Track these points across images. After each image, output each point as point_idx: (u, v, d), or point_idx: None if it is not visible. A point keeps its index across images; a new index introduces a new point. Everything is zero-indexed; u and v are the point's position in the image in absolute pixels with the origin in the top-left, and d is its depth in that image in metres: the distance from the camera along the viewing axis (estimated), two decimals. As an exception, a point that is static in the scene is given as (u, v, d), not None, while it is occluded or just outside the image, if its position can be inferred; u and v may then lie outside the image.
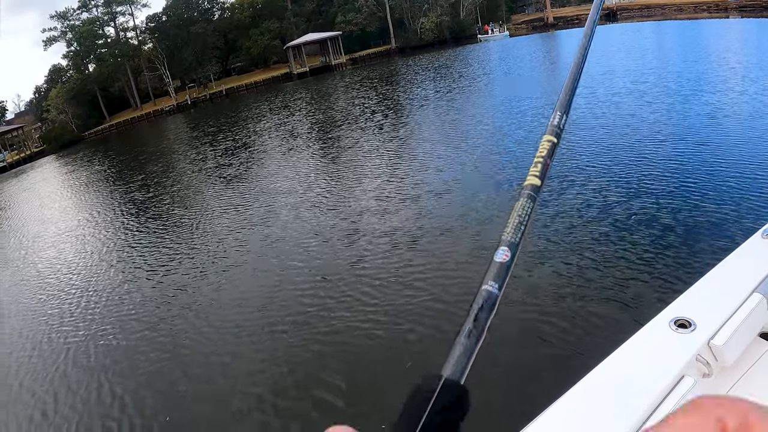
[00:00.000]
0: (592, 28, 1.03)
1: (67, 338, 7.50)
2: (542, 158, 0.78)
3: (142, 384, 5.74)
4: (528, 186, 0.74)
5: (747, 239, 1.40)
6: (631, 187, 7.74)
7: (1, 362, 7.35)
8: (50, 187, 26.19)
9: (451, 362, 0.56)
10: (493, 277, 0.63)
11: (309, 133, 20.39)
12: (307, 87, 42.66)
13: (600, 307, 5.01)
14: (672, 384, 1.03)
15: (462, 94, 21.05)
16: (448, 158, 11.77)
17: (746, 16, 30.85)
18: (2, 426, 5.76)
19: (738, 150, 8.36)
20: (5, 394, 6.40)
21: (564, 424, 1.01)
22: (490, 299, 0.61)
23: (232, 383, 5.30)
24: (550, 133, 0.82)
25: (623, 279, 5.37)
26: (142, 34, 64.53)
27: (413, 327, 5.39)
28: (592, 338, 4.56)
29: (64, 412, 5.65)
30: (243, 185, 14.06)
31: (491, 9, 64.72)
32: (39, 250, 13.37)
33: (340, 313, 6.07)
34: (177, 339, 6.55)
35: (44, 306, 9.10)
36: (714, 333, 1.13)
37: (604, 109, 12.84)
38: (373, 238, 8.05)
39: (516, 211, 0.71)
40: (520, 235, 0.69)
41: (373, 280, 6.67)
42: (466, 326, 0.59)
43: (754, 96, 11.26)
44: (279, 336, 5.96)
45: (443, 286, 6.06)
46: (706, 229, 6.00)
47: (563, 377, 1.32)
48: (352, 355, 5.27)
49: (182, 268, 9.02)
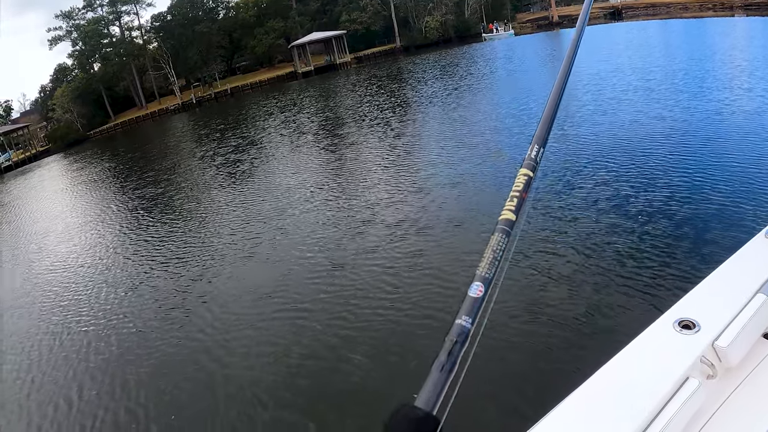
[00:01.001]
0: (569, 66, 1.03)
1: (82, 329, 7.62)
2: (518, 192, 0.77)
3: (158, 373, 5.82)
4: (503, 221, 0.73)
5: (750, 239, 1.40)
6: (632, 188, 7.71)
7: (19, 354, 7.46)
8: (58, 184, 26.35)
9: (425, 392, 0.57)
10: (467, 311, 0.64)
11: (316, 130, 20.43)
12: (313, 86, 42.71)
13: (603, 309, 4.99)
14: (676, 386, 1.03)
15: (469, 92, 21.01)
16: (459, 151, 11.77)
17: (752, 15, 30.68)
18: (23, 415, 5.85)
19: (740, 150, 8.30)
20: (26, 387, 6.49)
21: (568, 427, 1.01)
22: (463, 333, 0.62)
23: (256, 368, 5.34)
24: (526, 167, 0.81)
25: (626, 280, 5.35)
26: (147, 34, 64.77)
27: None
28: (594, 340, 4.54)
29: (83, 404, 5.73)
30: (253, 180, 14.14)
31: (496, 8, 64.61)
32: (51, 245, 13.48)
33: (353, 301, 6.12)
34: (192, 328, 6.66)
35: (60, 298, 9.20)
36: (718, 334, 1.12)
37: (607, 106, 12.82)
38: (385, 227, 8.09)
39: (491, 246, 0.71)
40: (494, 270, 0.69)
41: (386, 268, 6.77)
42: (440, 359, 0.60)
43: (761, 93, 11.18)
44: (295, 323, 6.06)
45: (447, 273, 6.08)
46: (709, 230, 5.97)
47: (567, 380, 1.32)
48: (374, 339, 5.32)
49: (197, 260, 9.15)
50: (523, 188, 0.77)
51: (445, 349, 0.61)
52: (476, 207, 8.35)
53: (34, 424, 5.64)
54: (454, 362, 0.60)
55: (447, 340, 0.62)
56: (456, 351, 0.61)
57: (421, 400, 0.56)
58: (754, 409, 1.07)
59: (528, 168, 0.79)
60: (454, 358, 0.60)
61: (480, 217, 7.88)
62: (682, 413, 1.00)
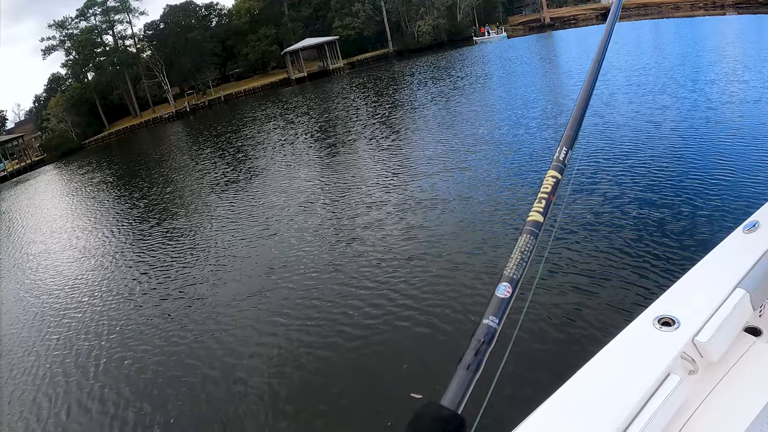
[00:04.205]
0: (597, 68, 1.02)
1: (78, 337, 7.59)
2: (546, 194, 0.79)
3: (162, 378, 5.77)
4: (530, 222, 0.75)
5: (729, 234, 1.41)
6: (608, 187, 7.71)
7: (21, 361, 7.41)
8: (52, 194, 26.28)
9: (450, 392, 0.58)
10: (494, 311, 0.65)
11: (310, 135, 20.44)
12: (306, 92, 42.79)
13: (582, 309, 4.97)
14: (658, 382, 1.04)
15: (459, 94, 21.08)
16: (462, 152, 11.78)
17: (743, 13, 30.89)
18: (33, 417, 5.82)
19: (716, 147, 8.37)
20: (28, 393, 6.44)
21: (551, 427, 1.01)
22: (490, 333, 0.63)
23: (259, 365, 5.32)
24: (554, 168, 0.82)
25: (605, 280, 5.34)
26: (141, 42, 64.87)
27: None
28: (574, 341, 4.51)
29: (91, 405, 5.72)
30: (249, 187, 14.09)
31: (488, 11, 64.94)
32: (46, 253, 13.42)
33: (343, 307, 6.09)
34: (196, 329, 6.59)
35: (57, 307, 9.15)
36: (698, 330, 1.12)
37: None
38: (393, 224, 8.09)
39: (519, 247, 0.72)
40: (522, 271, 0.70)
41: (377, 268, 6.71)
42: (467, 359, 0.61)
43: (746, 94, 11.26)
44: (290, 328, 5.99)
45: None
46: (687, 226, 5.98)
47: (547, 382, 1.32)
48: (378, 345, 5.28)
49: (194, 267, 9.11)
50: (551, 191, 0.78)
51: (471, 349, 0.61)
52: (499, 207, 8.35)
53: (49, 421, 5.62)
54: (480, 362, 0.61)
55: (474, 340, 0.62)
56: (483, 351, 0.61)
57: (447, 399, 0.57)
58: (736, 404, 1.07)
59: (556, 170, 0.79)
60: (481, 358, 0.61)
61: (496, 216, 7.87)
62: (665, 409, 1.00)
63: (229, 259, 9.12)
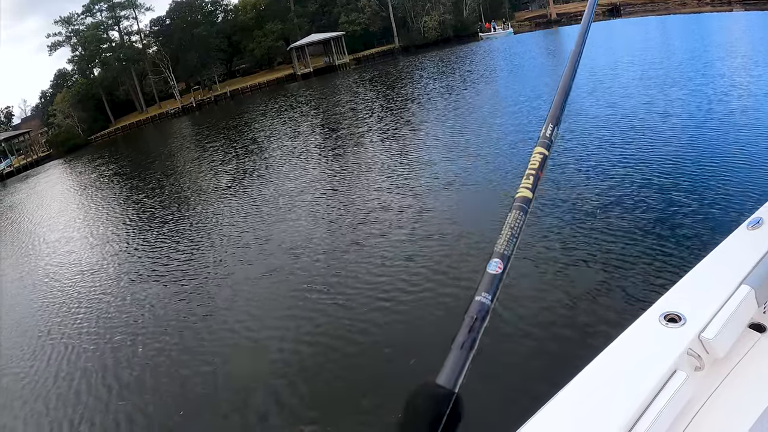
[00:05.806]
0: (581, 46, 1.04)
1: (85, 331, 7.72)
2: (534, 170, 0.79)
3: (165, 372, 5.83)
4: (519, 198, 0.75)
5: (733, 231, 1.41)
6: (614, 182, 7.72)
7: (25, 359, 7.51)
8: (58, 190, 26.40)
9: (446, 371, 0.58)
10: (486, 288, 0.64)
11: (317, 130, 20.47)
12: (312, 87, 42.74)
13: (588, 305, 4.98)
14: (664, 379, 1.04)
15: (467, 87, 21.03)
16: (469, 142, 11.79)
17: (750, 9, 30.60)
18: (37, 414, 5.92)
19: (721, 143, 8.35)
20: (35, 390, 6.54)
21: (558, 424, 1.02)
22: (483, 310, 0.62)
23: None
24: (541, 145, 0.82)
25: (610, 276, 5.35)
26: (147, 38, 64.83)
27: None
28: (581, 337, 4.53)
29: (93, 401, 5.82)
30: (256, 182, 14.16)
31: (494, 6, 64.58)
32: (53, 251, 13.53)
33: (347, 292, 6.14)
34: (210, 324, 6.68)
35: (58, 304, 9.24)
36: (704, 326, 1.13)
37: (596, 101, 12.85)
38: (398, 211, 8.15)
39: (509, 223, 0.72)
40: (512, 247, 0.70)
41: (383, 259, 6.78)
42: (460, 336, 0.60)
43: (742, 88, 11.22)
44: (309, 306, 6.05)
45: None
46: (692, 223, 5.99)
47: (553, 378, 1.33)
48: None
49: (203, 261, 9.26)
50: (538, 167, 0.78)
51: (465, 326, 0.61)
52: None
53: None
54: (474, 339, 0.61)
55: (467, 317, 0.62)
56: (476, 328, 0.61)
57: (443, 378, 0.57)
58: (742, 400, 1.08)
59: (543, 146, 0.80)
60: (475, 335, 0.61)
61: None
62: (671, 406, 1.00)
63: (251, 241, 9.45)
